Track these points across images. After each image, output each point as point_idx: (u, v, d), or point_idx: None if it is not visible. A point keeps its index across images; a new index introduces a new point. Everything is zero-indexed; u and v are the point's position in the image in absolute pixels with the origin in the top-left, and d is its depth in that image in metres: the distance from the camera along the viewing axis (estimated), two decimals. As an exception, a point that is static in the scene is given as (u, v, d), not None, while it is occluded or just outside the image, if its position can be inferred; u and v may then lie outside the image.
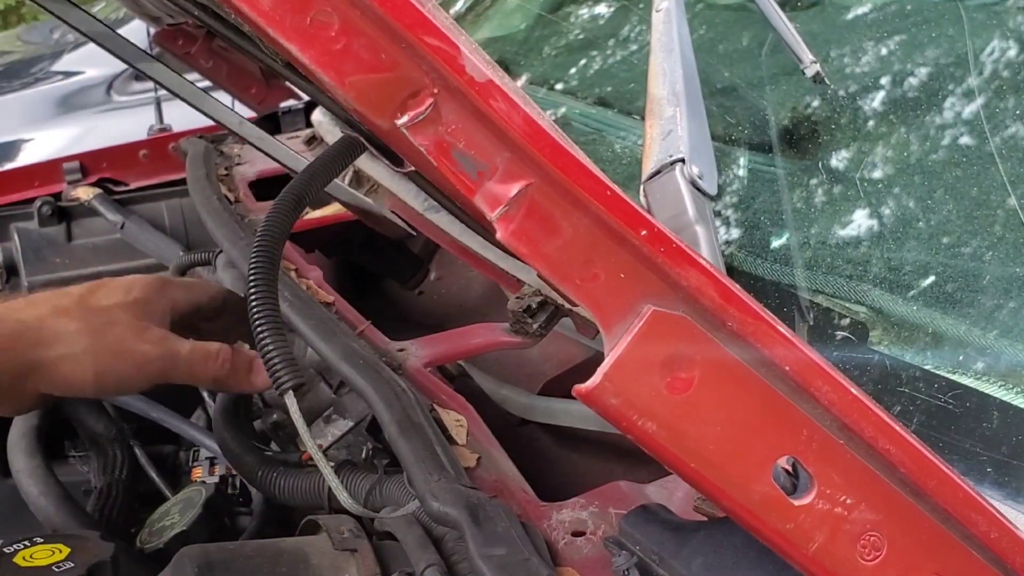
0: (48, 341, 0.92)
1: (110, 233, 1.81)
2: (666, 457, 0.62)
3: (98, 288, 1.00)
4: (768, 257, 1.02)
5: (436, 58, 0.56)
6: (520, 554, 0.76)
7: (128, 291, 1.00)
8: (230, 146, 2.05)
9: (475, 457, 1.00)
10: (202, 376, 0.98)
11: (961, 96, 1.06)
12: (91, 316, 0.95)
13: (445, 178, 0.59)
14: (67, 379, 0.93)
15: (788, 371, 0.61)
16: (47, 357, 0.92)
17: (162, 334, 0.97)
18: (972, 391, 0.85)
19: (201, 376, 0.98)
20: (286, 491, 0.97)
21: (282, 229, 0.90)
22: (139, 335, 0.95)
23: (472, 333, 1.25)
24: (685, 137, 0.90)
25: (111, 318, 0.95)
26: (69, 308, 0.95)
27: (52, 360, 0.92)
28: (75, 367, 0.93)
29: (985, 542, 0.65)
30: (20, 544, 0.80)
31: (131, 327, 0.95)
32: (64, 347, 0.93)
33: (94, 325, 0.94)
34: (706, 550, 0.77)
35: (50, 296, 0.98)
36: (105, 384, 0.95)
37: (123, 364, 0.94)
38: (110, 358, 0.94)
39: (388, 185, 1.55)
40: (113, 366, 0.94)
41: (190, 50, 2.30)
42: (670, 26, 1.10)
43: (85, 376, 0.93)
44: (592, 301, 0.60)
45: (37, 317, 0.94)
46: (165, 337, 0.97)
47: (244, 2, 0.56)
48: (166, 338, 0.97)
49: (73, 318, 0.94)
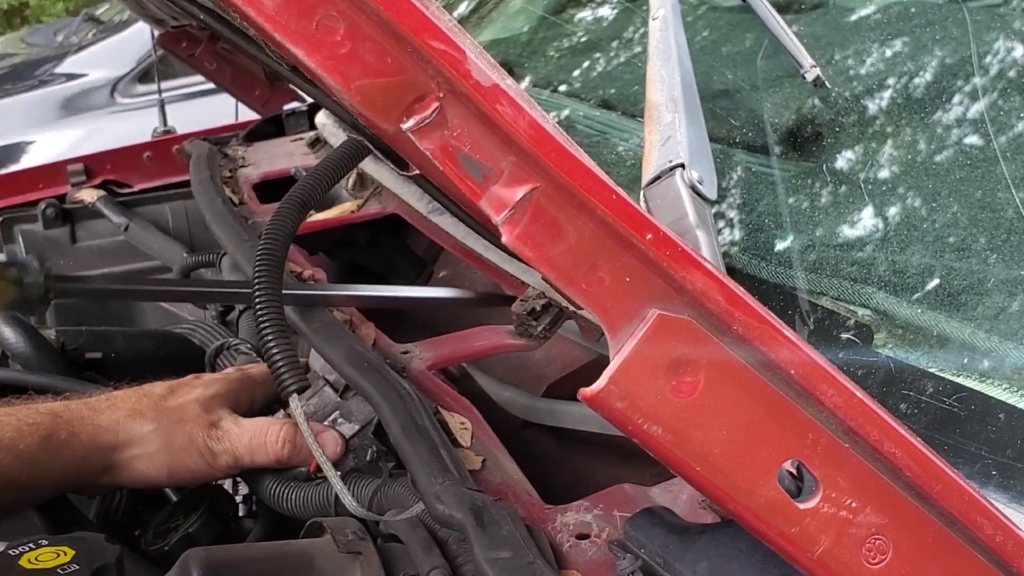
0: (124, 443, 0.98)
1: (114, 235, 1.82)
2: (671, 460, 0.62)
3: (179, 386, 1.05)
4: (771, 260, 1.02)
5: (441, 62, 0.56)
6: (525, 557, 0.77)
7: (208, 386, 1.05)
8: (234, 148, 2.05)
9: (479, 460, 1.00)
10: (265, 462, 1.01)
11: (965, 98, 1.06)
12: (165, 416, 1.00)
13: (450, 182, 0.59)
14: (143, 475, 0.99)
15: (793, 374, 0.61)
16: (123, 457, 0.98)
17: (228, 428, 1.01)
18: (977, 394, 0.85)
19: (264, 462, 1.01)
20: (296, 504, 0.97)
21: (287, 232, 0.90)
22: (208, 432, 1.00)
23: (476, 335, 1.25)
24: (684, 142, 0.90)
25: (184, 415, 1.00)
26: (145, 411, 1.01)
27: (128, 459, 0.98)
28: (149, 465, 0.99)
29: (990, 545, 0.65)
30: (25, 546, 0.80)
31: (201, 423, 1.00)
32: (139, 448, 0.99)
33: (167, 424, 0.99)
34: (711, 553, 0.77)
35: (130, 396, 1.03)
36: (178, 478, 1.01)
37: (193, 461, 0.99)
38: (182, 456, 0.99)
39: (393, 188, 1.56)
40: (184, 463, 0.99)
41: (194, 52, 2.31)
42: (667, 33, 1.10)
43: (160, 473, 0.99)
44: (597, 305, 0.60)
45: (114, 420, 0.99)
46: (229, 433, 1.00)
47: (249, 6, 0.56)
48: (229, 434, 1.00)
49: (148, 419, 1.00)
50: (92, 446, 0.97)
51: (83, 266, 1.79)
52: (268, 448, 0.99)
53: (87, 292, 1.00)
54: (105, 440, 0.98)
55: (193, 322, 1.45)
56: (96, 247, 1.82)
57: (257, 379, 1.10)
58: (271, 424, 1.01)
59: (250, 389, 1.08)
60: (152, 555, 1.00)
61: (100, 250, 1.82)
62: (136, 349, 1.32)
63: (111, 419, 0.99)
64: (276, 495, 0.98)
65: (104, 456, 0.97)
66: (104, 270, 1.78)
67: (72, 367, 1.25)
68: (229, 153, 2.02)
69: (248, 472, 1.03)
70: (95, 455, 0.97)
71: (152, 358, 1.29)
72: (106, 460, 0.98)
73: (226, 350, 1.26)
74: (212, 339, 1.34)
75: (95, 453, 0.97)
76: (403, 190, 1.52)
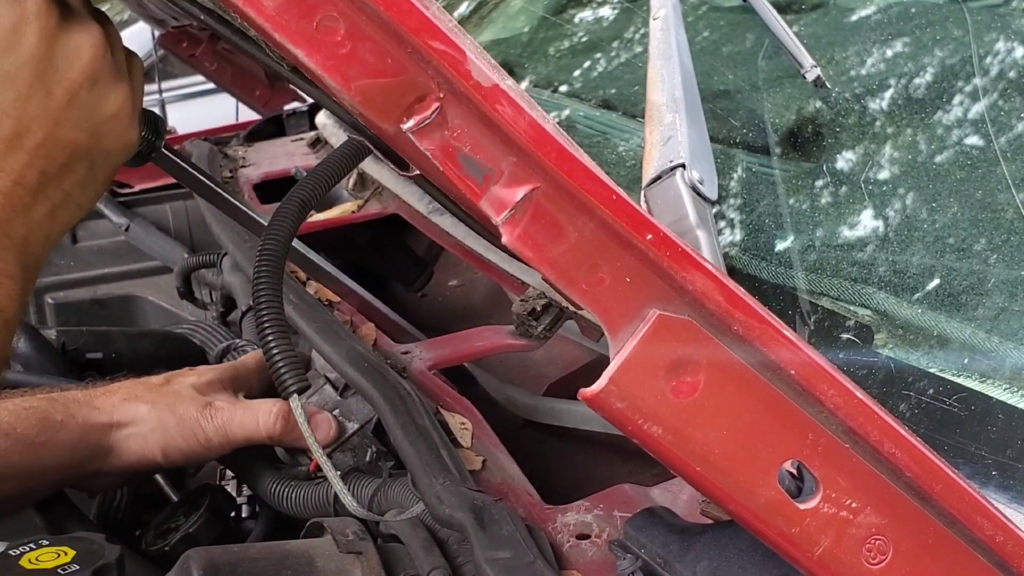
0: (119, 423, 0.99)
1: (115, 235, 1.81)
2: (671, 461, 0.62)
3: (176, 375, 1.06)
4: (771, 260, 1.02)
5: (442, 63, 0.56)
6: (525, 557, 0.77)
7: (203, 374, 1.06)
8: (234, 148, 2.05)
9: (480, 460, 1.00)
10: (258, 438, 1.00)
11: (965, 98, 1.06)
12: (160, 397, 1.01)
13: (450, 182, 0.59)
14: (137, 454, 0.99)
15: (793, 375, 0.61)
16: (118, 437, 0.98)
17: (221, 407, 1.01)
18: (977, 394, 0.85)
19: (257, 438, 1.01)
20: (296, 504, 0.97)
21: (287, 232, 0.90)
22: (202, 411, 1.00)
23: (477, 336, 1.25)
24: (685, 143, 0.90)
25: (179, 396, 1.01)
26: (140, 393, 1.01)
27: (122, 439, 0.99)
28: (143, 444, 0.99)
29: (990, 545, 0.65)
30: (26, 546, 0.80)
31: (196, 403, 1.00)
32: (133, 427, 0.99)
33: (162, 405, 1.00)
34: (711, 553, 0.77)
35: (127, 383, 1.04)
36: (172, 459, 1.00)
37: (185, 440, 0.99)
38: (175, 435, 0.99)
39: (393, 188, 1.56)
40: (178, 443, 0.99)
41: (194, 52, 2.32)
42: (668, 33, 1.10)
43: (154, 452, 0.99)
44: (597, 305, 0.60)
45: (110, 403, 1.00)
46: (222, 411, 1.00)
47: (249, 6, 0.56)
48: (222, 411, 1.00)
49: (143, 401, 1.00)
50: (88, 426, 0.97)
51: (83, 266, 1.79)
52: (260, 423, 0.99)
53: (178, 171, 0.99)
54: (100, 421, 0.98)
55: (194, 322, 1.46)
56: (96, 247, 1.82)
57: (252, 367, 1.11)
58: (264, 402, 1.01)
59: (246, 376, 1.09)
60: (153, 555, 1.00)
61: (101, 250, 1.82)
62: (137, 349, 1.32)
63: (107, 402, 1.00)
64: (276, 494, 0.98)
65: (100, 437, 0.97)
66: (104, 270, 1.78)
67: (72, 367, 1.25)
68: (229, 153, 2.02)
69: (248, 472, 1.03)
70: (91, 435, 0.97)
71: (153, 358, 1.29)
72: (103, 441, 0.97)
73: (232, 351, 1.27)
74: (213, 339, 1.34)
75: (91, 433, 0.97)
76: (404, 190, 1.52)
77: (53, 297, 1.74)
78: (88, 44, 0.70)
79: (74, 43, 0.70)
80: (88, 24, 0.71)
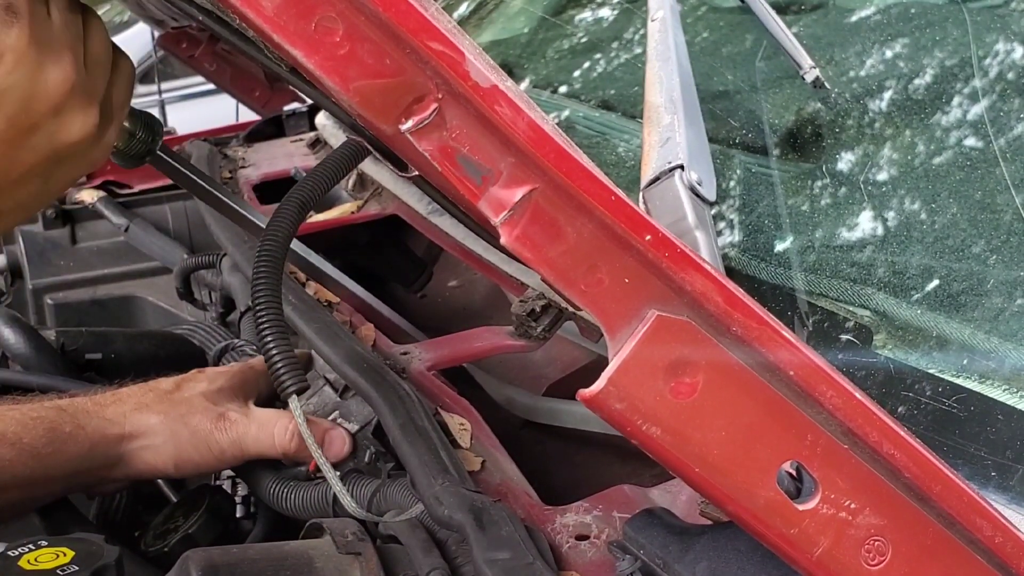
0: (131, 435, 0.99)
1: (114, 236, 1.81)
2: (670, 461, 0.62)
3: (185, 381, 1.05)
4: (770, 261, 1.02)
5: (440, 63, 0.56)
6: (524, 558, 0.77)
7: (213, 380, 1.05)
8: (234, 149, 2.05)
9: (479, 461, 1.00)
10: (271, 453, 1.00)
11: (965, 99, 1.06)
12: (172, 408, 1.00)
13: (449, 183, 0.59)
14: (149, 466, 0.99)
15: (792, 375, 0.61)
16: (130, 449, 0.98)
17: (235, 419, 1.00)
18: (976, 395, 0.85)
19: (271, 455, 1.01)
20: (295, 504, 0.97)
21: (287, 233, 0.90)
22: (215, 424, 1.00)
23: (476, 336, 1.25)
24: (683, 144, 0.90)
25: (191, 407, 1.00)
26: (151, 403, 1.01)
27: (134, 451, 0.99)
28: (156, 456, 0.99)
29: (990, 546, 0.65)
30: (25, 547, 0.80)
31: (209, 415, 1.00)
32: (145, 439, 0.99)
33: (173, 416, 1.00)
34: (710, 554, 0.77)
35: (136, 390, 1.03)
36: (184, 470, 1.01)
37: (199, 454, 0.99)
38: (188, 448, 0.99)
39: (392, 189, 1.56)
40: (191, 455, 0.99)
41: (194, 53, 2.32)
42: (666, 35, 1.10)
43: (166, 464, 0.99)
44: (596, 306, 0.60)
45: (120, 413, 0.99)
46: (236, 424, 1.00)
47: (248, 7, 0.56)
48: (236, 424, 1.00)
49: (154, 412, 1.00)
50: (98, 437, 0.96)
51: (83, 267, 1.79)
52: (275, 440, 0.99)
53: (175, 173, 0.99)
54: (111, 432, 0.97)
55: (193, 323, 1.46)
56: (96, 248, 1.82)
57: (260, 369, 1.10)
58: (279, 417, 1.01)
59: (254, 380, 1.08)
60: (152, 556, 1.00)
61: (100, 251, 1.82)
62: (136, 350, 1.32)
63: (117, 412, 0.99)
64: (275, 495, 0.98)
65: (110, 448, 0.97)
66: (104, 271, 1.78)
67: (72, 368, 1.25)
68: (229, 154, 2.02)
69: (248, 472, 1.03)
70: (101, 447, 0.97)
71: (152, 359, 1.29)
72: (112, 452, 0.97)
73: (230, 351, 1.26)
74: (212, 340, 1.34)
75: (101, 445, 0.97)
76: (403, 191, 1.52)
77: (52, 298, 1.74)
78: (58, 79, 0.67)
79: (43, 77, 0.67)
80: (61, 55, 0.67)
